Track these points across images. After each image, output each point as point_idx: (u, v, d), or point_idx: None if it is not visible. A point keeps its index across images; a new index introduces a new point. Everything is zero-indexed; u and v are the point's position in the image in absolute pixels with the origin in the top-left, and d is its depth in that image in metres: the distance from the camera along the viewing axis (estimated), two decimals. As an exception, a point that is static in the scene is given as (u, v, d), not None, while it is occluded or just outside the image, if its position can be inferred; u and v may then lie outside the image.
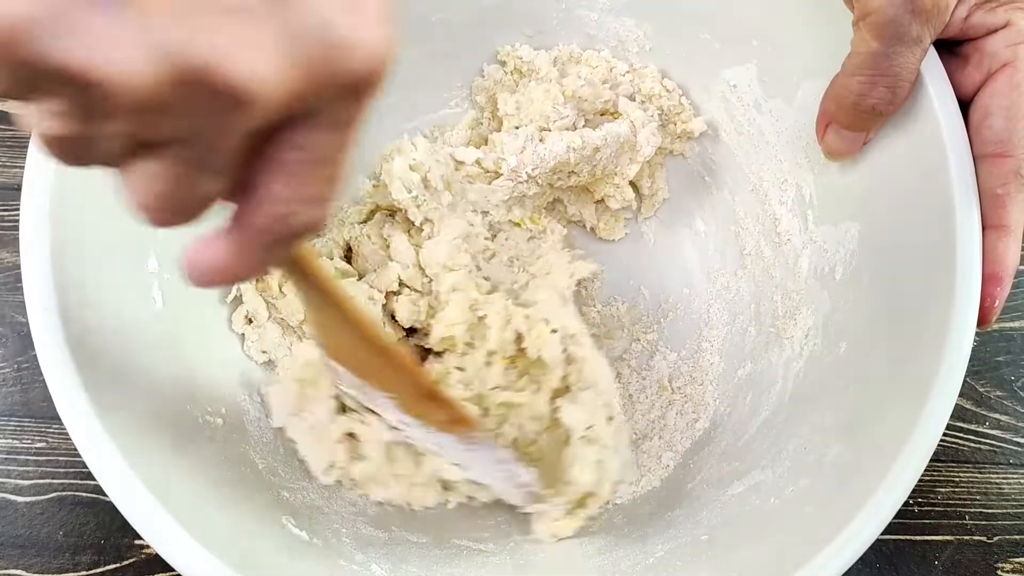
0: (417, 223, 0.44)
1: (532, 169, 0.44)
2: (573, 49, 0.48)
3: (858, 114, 0.35)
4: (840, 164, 0.39)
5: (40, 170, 0.31)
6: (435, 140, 0.49)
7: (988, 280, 0.32)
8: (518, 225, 0.47)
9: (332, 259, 0.45)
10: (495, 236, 0.47)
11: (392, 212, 0.46)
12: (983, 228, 0.32)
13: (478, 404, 0.41)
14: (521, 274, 0.46)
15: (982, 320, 0.32)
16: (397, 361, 0.34)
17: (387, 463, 0.39)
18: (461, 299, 0.42)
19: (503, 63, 0.49)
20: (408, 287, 0.44)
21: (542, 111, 0.45)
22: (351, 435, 0.40)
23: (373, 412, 0.38)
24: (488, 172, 0.45)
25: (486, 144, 0.47)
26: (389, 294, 0.44)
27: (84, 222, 0.33)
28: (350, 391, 0.36)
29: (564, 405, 0.40)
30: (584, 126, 0.47)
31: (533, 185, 0.45)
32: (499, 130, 0.48)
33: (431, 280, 0.43)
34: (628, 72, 0.47)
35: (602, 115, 0.48)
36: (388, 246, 0.45)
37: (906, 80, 0.33)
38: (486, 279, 0.44)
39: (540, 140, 0.44)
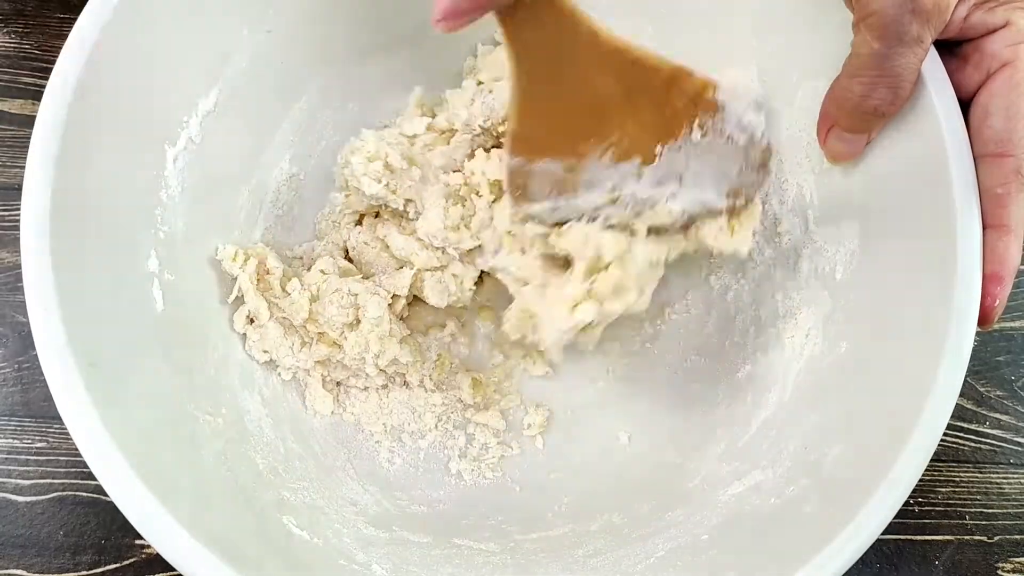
0: (402, 208, 0.44)
1: (484, 120, 0.43)
2: None
3: (860, 116, 0.35)
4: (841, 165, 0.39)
5: (40, 170, 0.31)
6: (383, 128, 0.48)
7: (989, 279, 0.32)
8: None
9: (334, 258, 0.45)
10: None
11: (377, 212, 0.46)
12: (984, 228, 0.32)
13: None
14: None
15: (983, 320, 0.32)
16: (639, 60, 0.33)
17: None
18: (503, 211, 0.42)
19: (498, 43, 0.49)
20: (428, 270, 0.44)
21: (502, 61, 0.45)
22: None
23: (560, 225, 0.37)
24: (445, 133, 0.45)
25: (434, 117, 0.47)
26: (395, 296, 0.44)
27: (84, 222, 0.33)
28: (541, 209, 0.36)
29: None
30: None
31: (489, 138, 0.45)
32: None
33: (443, 250, 0.44)
34: None
35: None
36: (388, 247, 0.45)
37: (907, 80, 0.33)
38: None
39: (490, 91, 0.44)
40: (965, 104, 0.34)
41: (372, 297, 0.42)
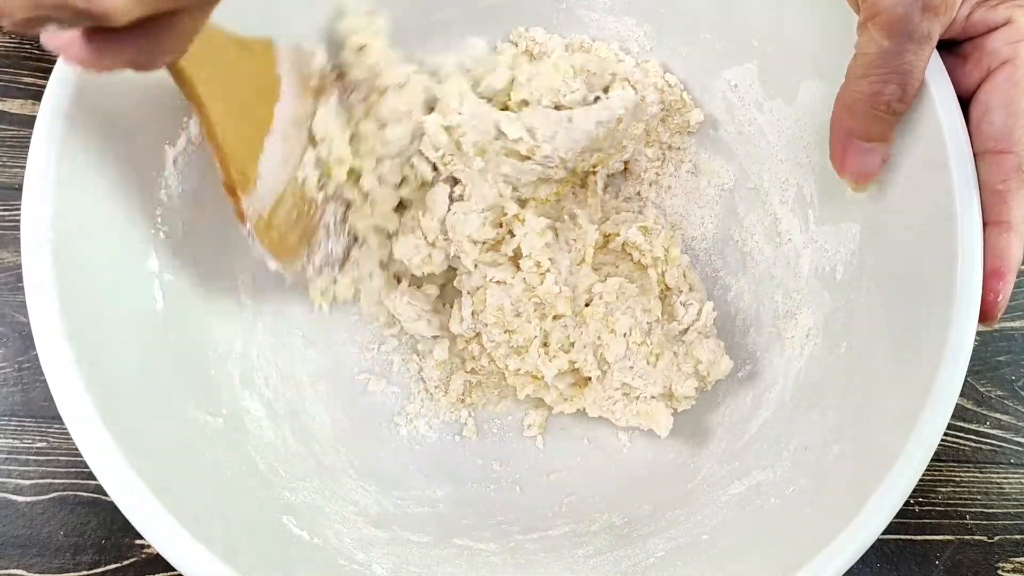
0: (443, 176, 0.44)
1: (565, 152, 0.43)
2: (584, 39, 0.48)
3: (873, 116, 0.34)
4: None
5: (40, 170, 0.31)
6: (477, 85, 0.46)
7: (990, 275, 0.32)
8: (545, 202, 0.47)
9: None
10: (524, 204, 0.46)
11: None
12: (984, 225, 0.32)
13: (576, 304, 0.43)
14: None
15: (986, 316, 0.32)
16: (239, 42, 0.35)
17: None
18: (537, 223, 0.43)
19: (515, 44, 0.48)
20: (423, 233, 0.44)
21: (551, 85, 0.44)
22: None
23: None
24: (519, 153, 0.44)
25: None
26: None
27: (84, 222, 0.33)
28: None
29: (677, 303, 0.44)
30: (594, 102, 0.46)
31: (561, 170, 0.44)
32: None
33: (447, 238, 0.44)
34: (636, 67, 0.47)
35: (606, 91, 0.47)
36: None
37: (916, 78, 0.33)
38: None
39: (569, 120, 0.43)
40: (964, 102, 0.34)
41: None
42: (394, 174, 0.43)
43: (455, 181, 0.44)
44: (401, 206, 0.44)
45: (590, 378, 0.43)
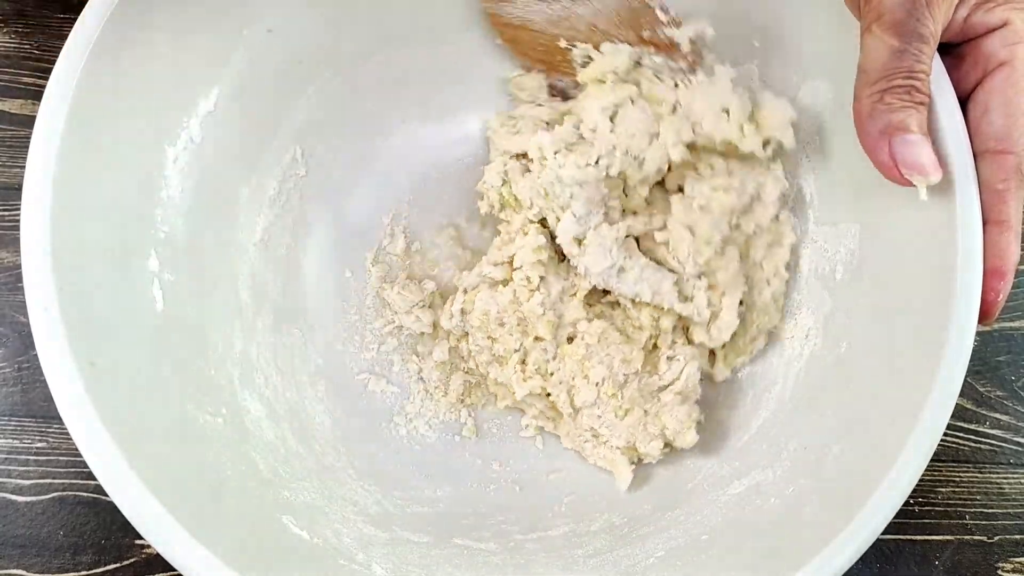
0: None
1: (595, 282, 0.42)
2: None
3: (899, 110, 0.32)
4: (840, 163, 0.39)
5: (40, 170, 0.31)
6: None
7: (990, 274, 0.32)
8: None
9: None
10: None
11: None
12: (984, 224, 0.32)
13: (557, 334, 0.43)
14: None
15: (985, 315, 0.32)
16: None
17: None
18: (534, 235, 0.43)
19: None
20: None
21: (679, 251, 0.42)
22: None
23: None
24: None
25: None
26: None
27: (84, 222, 0.33)
28: None
29: (662, 356, 0.43)
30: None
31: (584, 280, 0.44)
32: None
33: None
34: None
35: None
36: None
37: (927, 74, 0.32)
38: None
39: (619, 273, 0.42)
40: (962, 102, 0.34)
41: None
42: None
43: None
44: None
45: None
